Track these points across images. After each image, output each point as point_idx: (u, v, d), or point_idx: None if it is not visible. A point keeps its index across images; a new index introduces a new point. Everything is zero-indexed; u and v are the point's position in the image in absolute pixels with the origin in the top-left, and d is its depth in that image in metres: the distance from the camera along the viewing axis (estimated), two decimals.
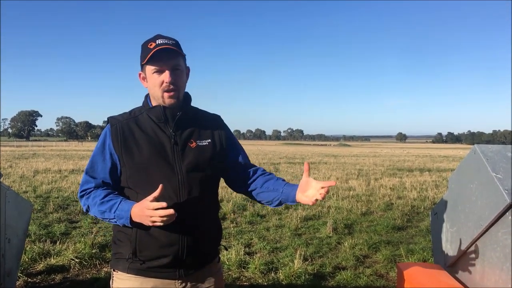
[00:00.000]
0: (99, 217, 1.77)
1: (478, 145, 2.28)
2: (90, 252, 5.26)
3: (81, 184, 1.85)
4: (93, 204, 1.77)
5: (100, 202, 1.75)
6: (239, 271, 4.88)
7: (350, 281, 4.65)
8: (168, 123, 1.83)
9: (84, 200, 1.82)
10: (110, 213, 1.72)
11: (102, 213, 1.75)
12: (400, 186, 13.43)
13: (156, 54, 1.72)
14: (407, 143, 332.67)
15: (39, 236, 6.10)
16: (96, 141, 1.98)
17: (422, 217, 8.50)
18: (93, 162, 1.83)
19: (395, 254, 5.66)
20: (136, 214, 1.66)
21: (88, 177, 1.83)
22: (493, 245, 2.03)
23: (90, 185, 1.82)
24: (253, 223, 7.65)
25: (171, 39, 1.79)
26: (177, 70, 1.78)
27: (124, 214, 1.68)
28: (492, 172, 2.06)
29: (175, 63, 1.77)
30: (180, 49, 1.80)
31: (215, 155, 1.89)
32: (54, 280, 4.51)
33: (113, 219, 1.73)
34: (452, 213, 2.53)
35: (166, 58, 1.74)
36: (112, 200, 1.74)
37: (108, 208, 1.72)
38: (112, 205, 1.72)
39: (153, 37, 1.80)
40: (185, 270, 1.81)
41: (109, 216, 1.73)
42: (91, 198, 1.78)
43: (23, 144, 79.81)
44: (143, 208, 1.62)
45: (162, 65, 1.75)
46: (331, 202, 9.83)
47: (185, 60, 1.85)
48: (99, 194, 1.77)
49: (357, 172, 19.31)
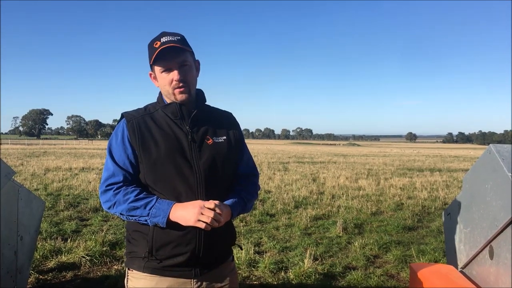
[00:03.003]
0: (126, 214, 1.72)
1: (494, 144, 2.25)
2: (101, 250, 5.29)
3: (106, 178, 1.79)
4: (124, 201, 1.72)
5: (134, 198, 1.71)
6: (249, 270, 4.87)
7: (361, 281, 4.62)
8: (184, 120, 1.82)
9: (111, 195, 1.75)
10: (144, 210, 1.69)
11: (133, 209, 1.70)
12: (410, 186, 13.33)
13: (162, 53, 1.72)
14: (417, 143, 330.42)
15: (50, 234, 6.15)
16: (106, 140, 1.96)
17: (433, 217, 8.43)
18: (115, 157, 1.79)
19: (406, 254, 5.61)
20: (177, 211, 1.66)
21: (115, 169, 1.78)
22: (508, 246, 2.00)
23: (118, 179, 1.77)
24: (262, 222, 7.64)
25: (176, 35, 1.78)
26: (185, 66, 1.78)
27: (162, 212, 1.67)
28: (508, 172, 2.04)
29: (181, 60, 1.76)
30: (186, 44, 1.79)
31: (231, 151, 1.89)
32: (65, 278, 4.54)
33: (145, 217, 1.69)
34: (466, 213, 2.50)
35: (172, 56, 1.74)
36: (148, 197, 1.72)
37: (143, 205, 1.69)
38: (148, 202, 1.70)
39: (158, 35, 1.79)
40: (201, 269, 1.81)
41: (141, 213, 1.70)
42: (121, 195, 1.73)
43: (34, 142, 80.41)
44: (195, 205, 1.65)
45: (169, 64, 1.75)
46: (340, 202, 9.80)
47: (193, 55, 1.85)
48: (132, 191, 1.73)
49: (366, 171, 19.20)
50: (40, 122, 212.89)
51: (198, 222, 1.63)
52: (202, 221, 1.63)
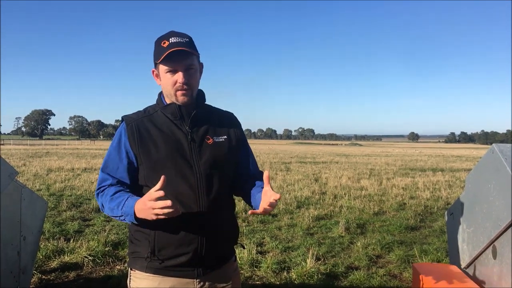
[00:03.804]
0: (111, 215, 1.74)
1: (497, 144, 2.24)
2: (103, 250, 5.30)
3: (98, 182, 1.83)
4: (106, 201, 1.74)
5: (110, 198, 1.72)
6: (251, 270, 4.88)
7: (363, 281, 4.62)
8: (184, 120, 1.81)
9: (99, 198, 1.79)
10: (118, 210, 1.68)
11: (111, 210, 1.71)
12: (412, 186, 13.31)
13: (170, 54, 1.71)
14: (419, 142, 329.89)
15: (53, 234, 6.16)
16: (109, 140, 1.96)
17: (436, 217, 8.41)
18: (108, 161, 1.82)
19: (409, 254, 5.60)
20: (139, 209, 1.61)
21: (104, 175, 1.81)
22: (511, 246, 2.00)
23: (107, 183, 1.80)
24: (264, 222, 7.64)
25: (185, 36, 1.77)
26: (190, 70, 1.77)
27: (129, 210, 1.64)
28: (511, 172, 2.03)
29: (188, 63, 1.76)
30: (193, 48, 1.79)
31: (231, 151, 1.88)
32: (68, 278, 4.55)
33: (122, 217, 1.68)
34: (469, 213, 2.50)
35: (180, 58, 1.73)
36: (120, 196, 1.70)
37: (116, 205, 1.69)
38: (120, 202, 1.69)
39: (166, 34, 1.78)
40: (203, 269, 1.80)
41: (117, 214, 1.69)
42: (104, 196, 1.76)
43: (36, 142, 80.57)
44: (145, 200, 1.57)
45: (175, 66, 1.74)
46: (343, 202, 9.79)
47: (198, 58, 1.84)
48: (110, 191, 1.75)
49: (369, 171, 19.19)
50: (43, 122, 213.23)
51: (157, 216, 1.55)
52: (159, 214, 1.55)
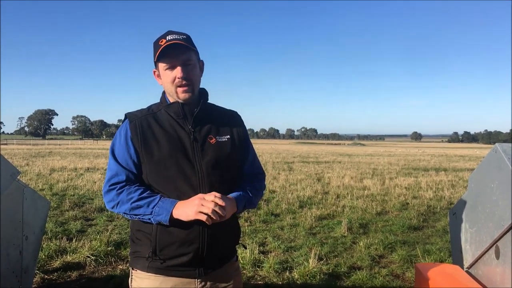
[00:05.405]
0: (129, 213, 1.73)
1: (500, 143, 2.23)
2: (106, 250, 5.30)
3: (109, 178, 1.79)
4: (127, 200, 1.72)
5: (138, 197, 1.71)
6: (254, 270, 4.87)
7: (366, 281, 4.61)
8: (187, 119, 1.81)
9: (114, 195, 1.76)
10: (147, 208, 1.69)
11: (137, 208, 1.70)
12: (415, 186, 13.28)
13: (166, 50, 1.72)
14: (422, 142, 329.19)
15: (55, 234, 6.17)
16: (111, 140, 1.96)
17: (439, 217, 8.39)
18: (117, 157, 1.79)
19: (411, 254, 5.59)
20: (179, 208, 1.65)
21: (118, 169, 1.78)
22: None
23: (121, 178, 1.77)
24: (267, 222, 7.64)
25: (181, 34, 1.78)
26: (188, 65, 1.77)
27: (165, 210, 1.66)
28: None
29: (185, 58, 1.76)
30: (190, 43, 1.79)
31: (234, 151, 1.87)
32: (70, 277, 4.55)
33: (148, 215, 1.69)
34: (472, 213, 2.49)
35: (176, 53, 1.74)
36: (151, 196, 1.72)
37: (147, 204, 1.69)
38: (151, 201, 1.69)
39: (164, 33, 1.79)
40: (205, 269, 1.80)
41: (144, 212, 1.69)
42: (125, 194, 1.73)
43: (39, 142, 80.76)
44: (195, 197, 1.65)
45: (172, 61, 1.75)
46: (345, 202, 9.78)
47: (197, 54, 1.84)
48: (135, 190, 1.73)
49: (371, 171, 19.16)
50: (46, 122, 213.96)
51: (199, 214, 1.61)
52: (202, 212, 1.61)
